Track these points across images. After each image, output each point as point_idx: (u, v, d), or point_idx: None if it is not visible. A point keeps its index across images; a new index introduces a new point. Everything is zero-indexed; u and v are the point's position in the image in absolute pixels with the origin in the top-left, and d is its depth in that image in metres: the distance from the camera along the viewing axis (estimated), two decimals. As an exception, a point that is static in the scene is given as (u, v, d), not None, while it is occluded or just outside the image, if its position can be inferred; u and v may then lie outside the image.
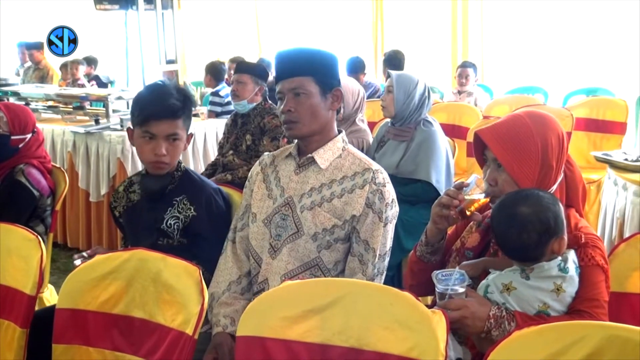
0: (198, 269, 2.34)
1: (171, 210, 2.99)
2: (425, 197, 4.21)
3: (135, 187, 3.16)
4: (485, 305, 2.22)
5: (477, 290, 2.30)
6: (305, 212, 2.73)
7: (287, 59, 2.79)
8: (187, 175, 3.10)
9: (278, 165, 2.91)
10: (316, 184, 2.77)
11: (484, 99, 8.00)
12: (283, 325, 2.14)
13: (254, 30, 11.43)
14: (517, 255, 2.28)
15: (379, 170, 2.77)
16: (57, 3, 12.43)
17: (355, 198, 2.71)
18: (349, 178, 2.75)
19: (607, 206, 4.62)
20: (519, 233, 2.21)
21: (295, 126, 2.76)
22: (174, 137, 2.95)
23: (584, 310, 2.20)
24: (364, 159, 2.83)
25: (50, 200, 4.02)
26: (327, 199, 2.73)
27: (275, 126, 5.18)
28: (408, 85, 4.32)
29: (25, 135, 3.97)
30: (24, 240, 2.77)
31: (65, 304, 2.51)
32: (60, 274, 5.63)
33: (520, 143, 2.36)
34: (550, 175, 2.37)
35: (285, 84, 2.75)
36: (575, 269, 2.24)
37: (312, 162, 2.81)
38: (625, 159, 4.54)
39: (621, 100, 6.67)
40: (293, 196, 2.78)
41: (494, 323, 2.19)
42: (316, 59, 2.82)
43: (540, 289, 2.21)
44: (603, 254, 2.30)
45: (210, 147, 6.77)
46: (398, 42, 10.08)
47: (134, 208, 3.12)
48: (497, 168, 2.41)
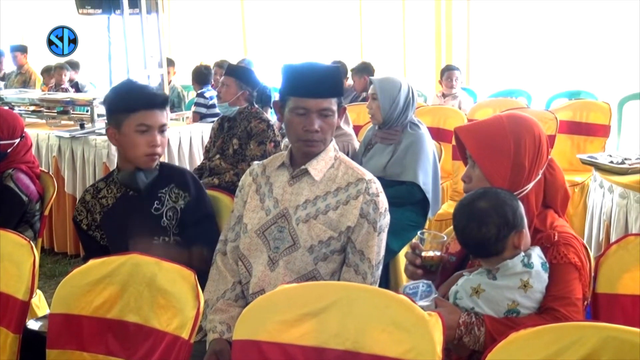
0: (193, 273, 2.33)
1: (162, 204, 3.00)
2: (411, 199, 4.22)
3: (104, 192, 3.14)
4: (454, 314, 2.27)
5: (448, 295, 2.35)
6: (300, 224, 2.73)
7: (316, 79, 2.74)
8: (165, 167, 3.14)
9: (270, 176, 2.88)
10: (310, 195, 2.76)
11: (468, 102, 8.03)
12: (279, 329, 2.15)
13: (239, 34, 11.41)
14: (479, 250, 2.35)
15: (372, 180, 2.79)
16: (39, 7, 12.36)
17: (350, 209, 2.72)
18: (342, 189, 2.75)
19: (594, 209, 4.66)
20: (478, 227, 2.29)
21: (317, 144, 2.76)
22: (164, 127, 3.00)
23: (555, 309, 2.25)
24: (356, 168, 2.83)
25: (39, 206, 4.02)
26: (322, 211, 2.73)
27: (262, 130, 5.18)
28: (392, 91, 4.31)
29: (13, 140, 3.96)
30: (16, 245, 2.75)
31: (59, 309, 2.50)
32: (46, 279, 5.62)
33: (494, 141, 2.43)
34: (522, 175, 2.42)
35: (311, 103, 2.71)
36: (542, 264, 2.29)
37: (305, 173, 2.79)
38: (610, 162, 4.57)
39: (604, 103, 6.70)
40: (288, 207, 2.77)
41: (464, 330, 2.25)
42: (338, 79, 2.83)
43: (507, 287, 2.26)
44: (577, 252, 2.34)
45: (196, 151, 6.76)
46: (381, 46, 10.12)
47: (113, 211, 3.10)
48: (472, 165, 2.49)
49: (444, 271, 2.51)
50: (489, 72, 9.60)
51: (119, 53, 8.28)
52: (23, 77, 10.79)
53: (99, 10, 7.79)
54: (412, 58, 9.93)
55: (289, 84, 2.79)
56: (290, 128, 2.77)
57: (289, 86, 2.78)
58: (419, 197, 4.23)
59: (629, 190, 4.19)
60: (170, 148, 6.47)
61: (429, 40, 9.72)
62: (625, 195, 4.21)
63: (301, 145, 2.77)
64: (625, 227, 4.17)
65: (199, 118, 7.67)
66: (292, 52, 10.63)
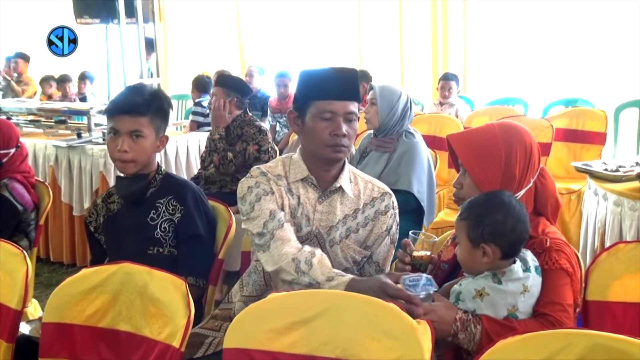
0: (185, 282, 2.34)
1: (158, 214, 3.01)
2: (406, 208, 4.21)
3: (114, 197, 3.18)
4: (451, 310, 2.28)
5: (450, 294, 2.35)
6: (335, 246, 2.70)
7: (341, 81, 2.66)
8: (168, 178, 3.14)
9: (292, 188, 2.74)
10: (341, 215, 2.72)
11: (465, 111, 8.03)
12: (270, 337, 2.15)
13: (236, 42, 11.41)
14: (517, 244, 2.32)
15: (391, 194, 2.81)
16: (38, 16, 12.37)
17: (379, 225, 2.74)
18: (369, 205, 2.75)
19: (589, 216, 4.66)
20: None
21: (344, 150, 2.67)
22: (136, 133, 2.98)
23: (548, 314, 2.26)
24: (375, 182, 2.83)
25: (34, 215, 4.02)
26: (353, 230, 2.72)
27: (251, 134, 5.20)
28: (391, 98, 4.33)
29: (9, 149, 3.97)
30: (9, 254, 2.76)
31: (51, 318, 2.50)
32: (43, 288, 5.61)
33: (486, 149, 2.44)
34: (513, 183, 2.43)
35: (338, 106, 2.62)
36: (535, 268, 2.30)
37: (337, 191, 2.73)
38: (605, 169, 4.57)
39: (600, 111, 6.71)
40: (320, 227, 2.70)
41: (460, 326, 2.25)
42: (358, 84, 2.76)
43: (511, 292, 2.27)
44: (569, 258, 2.34)
45: (193, 160, 6.77)
46: (378, 54, 10.14)
47: (115, 217, 3.14)
48: (464, 172, 2.50)
49: (435, 278, 2.52)
50: (486, 80, 9.60)
51: (117, 62, 8.31)
52: (20, 85, 10.79)
53: (97, 19, 7.84)
54: (409, 66, 9.94)
55: (311, 89, 2.67)
56: (314, 134, 2.65)
57: (311, 90, 2.67)
58: (413, 206, 4.24)
59: (623, 197, 4.19)
60: (168, 157, 6.48)
61: (425, 48, 9.73)
62: (620, 203, 4.21)
63: (327, 152, 2.65)
64: (620, 234, 4.16)
65: (196, 127, 7.68)
66: (290, 60, 10.64)
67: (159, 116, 3.05)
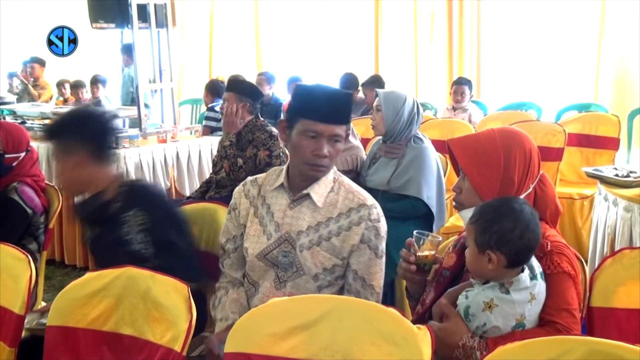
0: (187, 286, 2.36)
1: (131, 228, 2.95)
2: (415, 213, 4.23)
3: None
4: (456, 335, 2.25)
5: (458, 306, 2.32)
6: (304, 251, 2.71)
7: (331, 105, 2.70)
8: (133, 189, 3.09)
9: (266, 197, 2.84)
10: (312, 221, 2.74)
11: (478, 115, 7.99)
12: (270, 342, 2.16)
13: (252, 47, 11.44)
14: (524, 253, 2.28)
15: (373, 205, 2.77)
16: (53, 21, 12.46)
17: (352, 235, 2.72)
18: (344, 215, 2.74)
19: (599, 222, 4.64)
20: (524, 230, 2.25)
21: (323, 170, 2.73)
22: (55, 157, 3.08)
23: (555, 321, 2.23)
24: (357, 192, 2.81)
25: (44, 219, 4.04)
26: (325, 238, 2.72)
27: (262, 139, 5.19)
28: (396, 103, 4.32)
29: (19, 153, 3.99)
30: (13, 259, 2.78)
31: (55, 322, 2.53)
32: (55, 291, 5.58)
33: (485, 154, 2.44)
34: (511, 189, 2.42)
35: (323, 128, 2.65)
36: (540, 274, 2.27)
37: (306, 198, 2.76)
38: (615, 175, 4.56)
39: (614, 116, 6.69)
40: (290, 232, 2.74)
41: (462, 352, 2.23)
42: (350, 107, 2.80)
43: (520, 302, 2.23)
44: (570, 260, 2.32)
45: (205, 164, 6.79)
46: (394, 58, 10.16)
47: (94, 239, 3.13)
48: (463, 177, 2.50)
49: (438, 285, 2.51)
50: (499, 84, 9.61)
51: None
52: (36, 89, 10.85)
53: (112, 24, 7.85)
54: (423, 71, 9.95)
55: (302, 106, 2.72)
56: (297, 150, 2.71)
57: (302, 108, 2.71)
58: (423, 211, 4.24)
59: (634, 203, 4.18)
60: (180, 161, 6.50)
61: (440, 53, 9.75)
62: (630, 209, 4.19)
63: (307, 169, 2.71)
64: (630, 240, 4.15)
65: (209, 132, 7.68)
66: (307, 64, 10.66)
67: (68, 141, 3.05)
